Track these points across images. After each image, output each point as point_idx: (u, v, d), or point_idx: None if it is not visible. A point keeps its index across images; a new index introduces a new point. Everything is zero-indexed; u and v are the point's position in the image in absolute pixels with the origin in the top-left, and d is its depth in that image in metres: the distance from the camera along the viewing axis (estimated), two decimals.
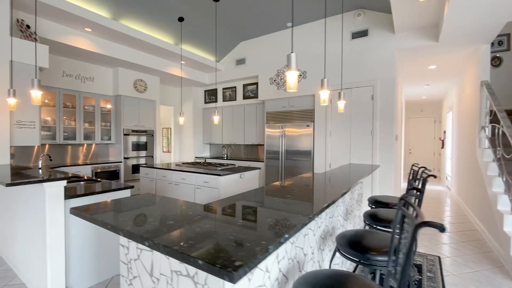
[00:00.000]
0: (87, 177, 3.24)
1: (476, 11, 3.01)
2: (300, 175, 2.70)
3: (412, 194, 1.13)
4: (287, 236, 0.91)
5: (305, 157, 5.29)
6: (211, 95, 7.35)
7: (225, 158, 6.67)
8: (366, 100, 4.58)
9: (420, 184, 1.81)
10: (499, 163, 3.26)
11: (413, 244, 0.78)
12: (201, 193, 3.75)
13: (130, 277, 1.29)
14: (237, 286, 0.94)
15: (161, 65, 5.78)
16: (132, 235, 1.00)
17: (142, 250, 1.22)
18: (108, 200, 1.50)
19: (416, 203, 1.78)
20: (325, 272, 1.17)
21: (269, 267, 1.16)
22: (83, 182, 2.99)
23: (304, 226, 1.07)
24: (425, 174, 2.07)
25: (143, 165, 4.66)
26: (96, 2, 4.02)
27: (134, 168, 5.79)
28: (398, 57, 4.54)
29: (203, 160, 6.96)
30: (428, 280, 2.46)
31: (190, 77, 6.54)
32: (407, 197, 1.08)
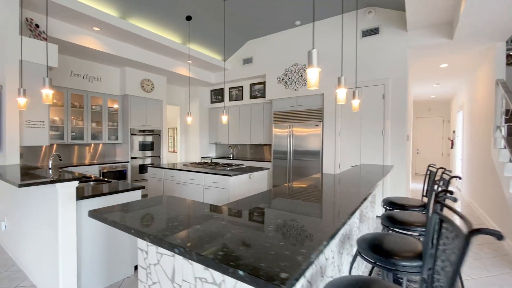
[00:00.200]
0: (95, 177, 3.21)
1: (494, 8, 2.93)
2: (313, 175, 2.64)
3: (449, 197, 1.07)
4: (326, 243, 0.85)
5: (314, 157, 5.22)
6: (218, 95, 7.31)
7: (231, 158, 6.62)
8: (377, 100, 4.49)
9: (445, 186, 1.74)
10: None
11: (465, 254, 0.72)
12: (210, 194, 3.70)
13: (149, 283, 1.24)
14: None
15: (168, 65, 5.74)
16: (162, 242, 0.93)
17: (163, 255, 1.17)
18: (126, 202, 1.45)
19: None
20: (349, 279, 1.12)
21: None
22: (93, 183, 2.95)
23: (339, 231, 1.01)
24: (447, 176, 2.00)
25: (151, 165, 4.63)
26: (104, 1, 3.99)
27: (141, 168, 5.76)
28: (410, 56, 4.45)
29: (210, 160, 6.92)
30: None
31: (197, 77, 6.50)
32: (444, 201, 1.02)
